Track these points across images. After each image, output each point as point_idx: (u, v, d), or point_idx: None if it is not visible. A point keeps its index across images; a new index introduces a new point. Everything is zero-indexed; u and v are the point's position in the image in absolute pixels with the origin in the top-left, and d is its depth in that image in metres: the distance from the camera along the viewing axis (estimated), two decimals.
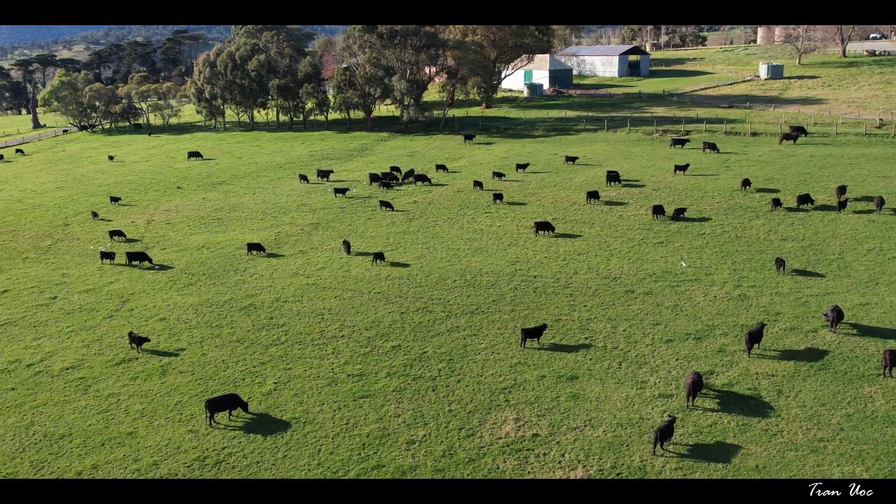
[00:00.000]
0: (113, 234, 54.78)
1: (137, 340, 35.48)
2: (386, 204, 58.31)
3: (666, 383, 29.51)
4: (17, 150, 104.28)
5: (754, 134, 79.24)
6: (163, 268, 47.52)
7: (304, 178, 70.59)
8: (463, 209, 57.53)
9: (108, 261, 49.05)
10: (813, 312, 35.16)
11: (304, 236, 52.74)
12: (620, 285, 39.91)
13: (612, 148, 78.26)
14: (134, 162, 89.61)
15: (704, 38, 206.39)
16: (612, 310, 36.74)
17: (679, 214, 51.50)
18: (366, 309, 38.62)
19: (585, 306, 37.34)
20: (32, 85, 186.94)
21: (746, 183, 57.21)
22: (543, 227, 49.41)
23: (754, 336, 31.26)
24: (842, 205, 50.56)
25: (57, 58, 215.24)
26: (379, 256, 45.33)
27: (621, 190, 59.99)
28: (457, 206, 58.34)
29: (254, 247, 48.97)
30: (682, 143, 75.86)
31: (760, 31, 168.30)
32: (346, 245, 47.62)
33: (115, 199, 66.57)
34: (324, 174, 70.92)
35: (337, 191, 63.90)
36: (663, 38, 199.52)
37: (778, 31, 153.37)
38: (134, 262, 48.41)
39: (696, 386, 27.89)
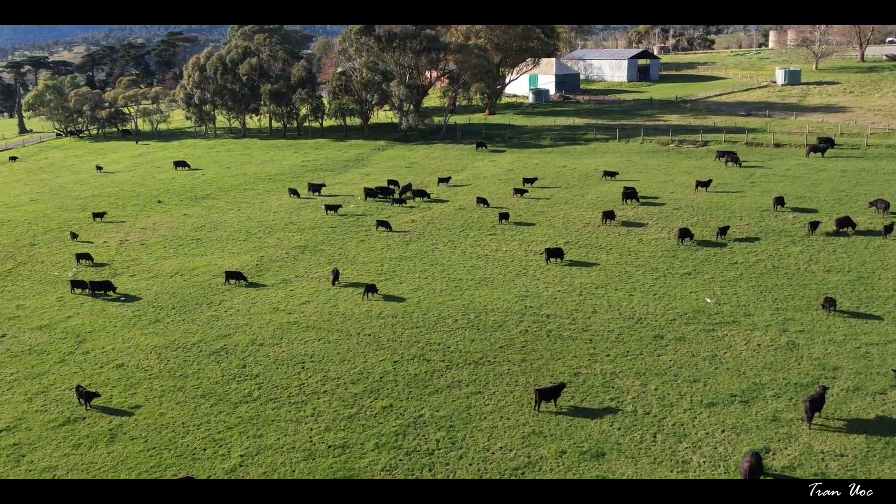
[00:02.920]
0: (80, 257, 49.59)
1: (86, 396, 30.34)
2: (383, 223, 53.16)
3: (712, 464, 24.31)
4: (11, 158, 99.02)
5: (777, 145, 74.00)
6: (129, 299, 42.41)
7: (294, 192, 65.45)
8: (465, 230, 52.34)
9: (80, 290, 43.82)
10: (877, 367, 29.94)
11: (289, 261, 47.56)
12: (647, 328, 34.69)
13: (626, 160, 73.04)
14: (117, 172, 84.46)
15: (712, 42, 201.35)
16: (639, 361, 31.52)
17: (723, 234, 46.62)
18: (353, 356, 33.45)
19: (608, 356, 32.13)
20: (24, 88, 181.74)
21: (780, 201, 52.00)
22: (554, 254, 44.22)
23: (816, 404, 26.06)
24: (888, 229, 45.32)
25: (49, 60, 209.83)
26: (371, 289, 40.18)
27: (639, 209, 54.78)
28: (458, 227, 53.16)
29: (233, 275, 43.82)
30: (727, 155, 68.75)
31: (772, 34, 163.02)
32: (335, 274, 42.46)
33: (98, 215, 61.24)
34: (315, 188, 65.78)
35: (328, 207, 58.76)
36: (670, 42, 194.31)
37: (791, 34, 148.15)
38: (98, 292, 43.32)
39: (755, 471, 22.75)
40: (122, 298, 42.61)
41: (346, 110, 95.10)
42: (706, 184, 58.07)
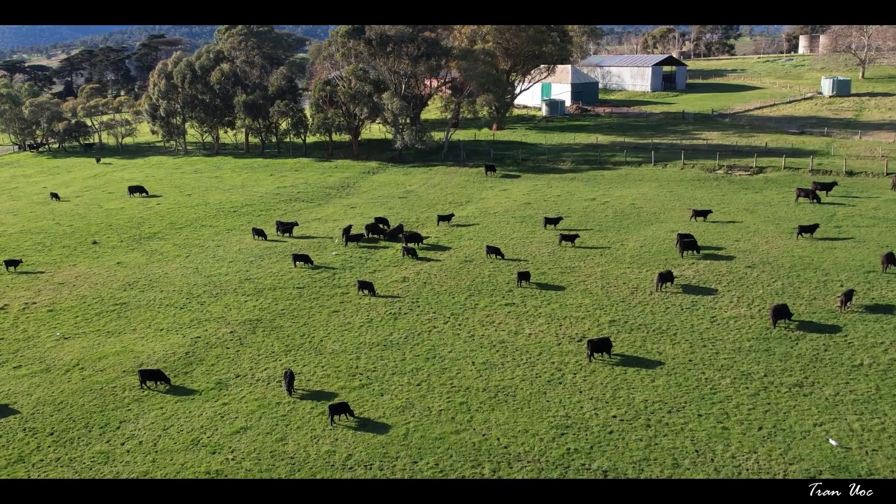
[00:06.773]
0: None
1: None
2: (366, 286, 40.46)
3: None
4: None
5: (850, 173, 61.15)
6: (0, 412, 29.76)
7: (259, 233, 52.66)
8: (473, 296, 39.56)
9: None
10: None
11: (232, 347, 34.78)
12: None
13: (668, 191, 60.17)
14: (62, 200, 71.44)
15: (732, 47, 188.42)
16: None
17: (847, 302, 34.46)
18: None
19: None
20: None
21: (891, 260, 39.27)
22: (599, 347, 31.45)
23: None
24: None
25: (26, 64, 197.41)
26: (340, 410, 27.44)
27: (701, 266, 42.00)
28: (464, 291, 40.36)
29: (150, 376, 31.10)
30: (824, 190, 54.38)
31: (802, 39, 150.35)
32: (289, 380, 29.73)
33: (11, 264, 48.48)
34: (286, 228, 52.99)
35: (297, 258, 46.07)
36: (689, 46, 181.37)
37: (823, 39, 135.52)
38: None
39: None
40: None
41: (332, 125, 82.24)
42: (811, 229, 45.09)
